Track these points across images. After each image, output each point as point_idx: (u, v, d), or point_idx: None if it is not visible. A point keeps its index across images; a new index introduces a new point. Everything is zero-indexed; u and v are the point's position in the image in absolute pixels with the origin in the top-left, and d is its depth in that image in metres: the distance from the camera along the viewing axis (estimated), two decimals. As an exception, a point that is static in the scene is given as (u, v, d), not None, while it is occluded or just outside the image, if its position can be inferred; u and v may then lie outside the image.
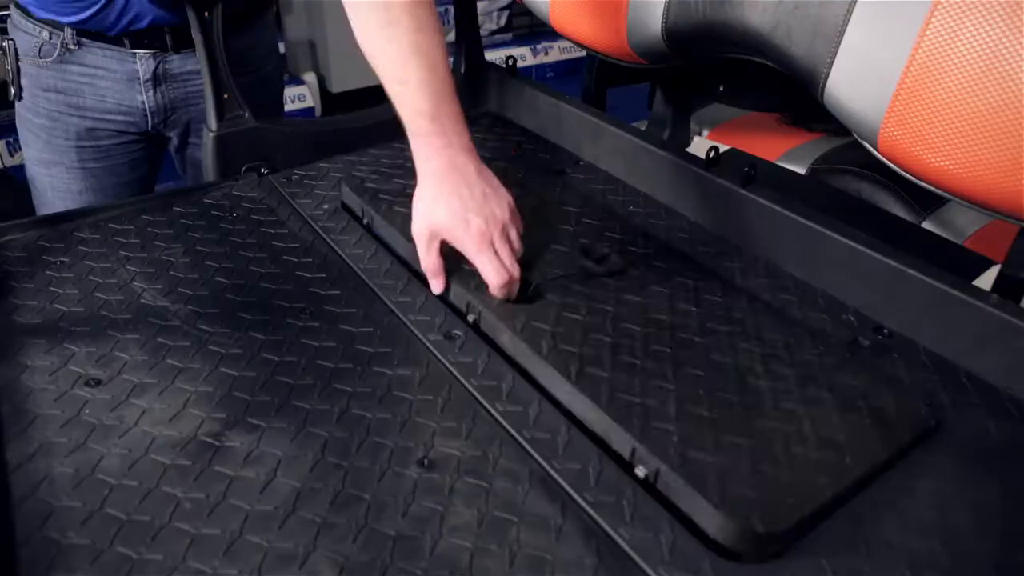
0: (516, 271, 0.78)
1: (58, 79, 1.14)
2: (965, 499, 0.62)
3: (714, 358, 0.72)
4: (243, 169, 1.05)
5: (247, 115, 1.05)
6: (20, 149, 2.68)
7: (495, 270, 0.76)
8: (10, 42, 1.14)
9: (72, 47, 1.12)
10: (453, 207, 0.76)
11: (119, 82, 1.15)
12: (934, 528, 0.59)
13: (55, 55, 1.12)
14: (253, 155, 1.06)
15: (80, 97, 1.15)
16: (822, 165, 1.29)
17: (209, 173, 1.07)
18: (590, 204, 0.98)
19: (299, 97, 3.28)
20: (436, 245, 0.79)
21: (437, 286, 0.81)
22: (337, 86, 3.32)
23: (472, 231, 0.76)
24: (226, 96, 1.03)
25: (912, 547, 0.57)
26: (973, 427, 0.69)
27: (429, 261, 0.80)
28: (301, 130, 1.14)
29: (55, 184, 1.21)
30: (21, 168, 2.63)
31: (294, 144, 1.10)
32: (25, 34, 1.13)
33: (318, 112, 3.30)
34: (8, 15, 1.16)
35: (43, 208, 1.24)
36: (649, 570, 0.55)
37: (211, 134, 1.03)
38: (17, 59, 1.14)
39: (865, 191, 1.21)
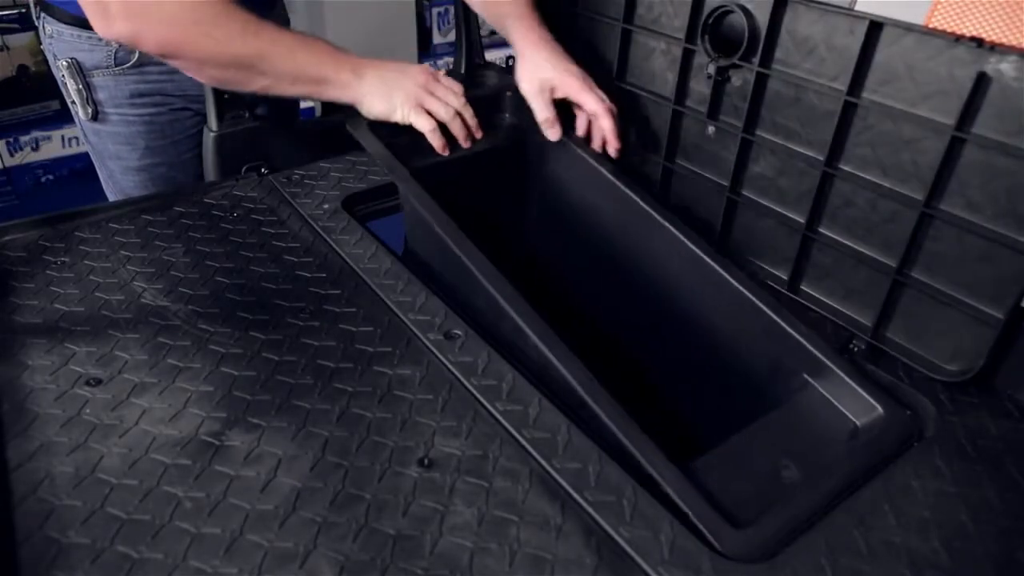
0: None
1: (141, 82, 1.10)
2: (965, 498, 0.62)
3: None
4: (243, 169, 1.05)
5: (247, 115, 1.05)
6: (21, 149, 2.62)
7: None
8: (71, 60, 1.06)
9: None
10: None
11: None
12: (934, 528, 0.59)
13: (134, 59, 1.08)
14: (253, 155, 1.06)
15: (166, 95, 1.13)
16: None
17: (209, 173, 1.07)
18: None
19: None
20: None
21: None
22: (337, 86, 3.31)
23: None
24: (226, 96, 1.03)
25: (912, 547, 0.58)
26: (973, 427, 0.69)
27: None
28: (301, 130, 1.14)
29: (155, 183, 1.17)
30: (21, 168, 2.60)
31: (294, 144, 1.10)
32: (89, 50, 1.06)
33: (318, 112, 3.29)
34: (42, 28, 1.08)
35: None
36: (649, 569, 0.55)
37: (211, 134, 1.03)
38: (85, 76, 1.07)
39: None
